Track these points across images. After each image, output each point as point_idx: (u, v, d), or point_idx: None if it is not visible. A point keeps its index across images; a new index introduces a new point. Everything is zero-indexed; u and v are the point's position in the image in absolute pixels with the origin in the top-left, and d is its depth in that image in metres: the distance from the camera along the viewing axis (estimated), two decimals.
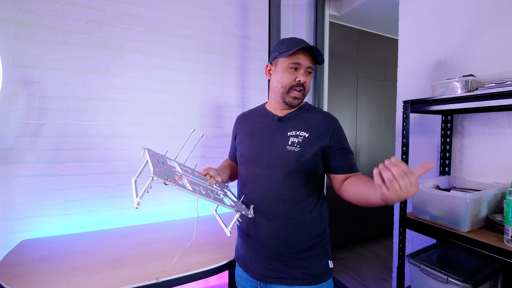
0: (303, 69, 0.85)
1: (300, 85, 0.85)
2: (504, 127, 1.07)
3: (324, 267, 0.85)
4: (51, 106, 1.42)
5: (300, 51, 0.84)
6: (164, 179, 0.65)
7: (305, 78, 0.86)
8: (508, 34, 1.05)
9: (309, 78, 0.88)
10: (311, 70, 0.87)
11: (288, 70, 0.85)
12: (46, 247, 1.24)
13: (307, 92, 0.89)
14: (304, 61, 0.84)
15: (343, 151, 0.85)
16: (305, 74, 0.86)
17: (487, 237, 0.87)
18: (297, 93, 0.86)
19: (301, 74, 0.85)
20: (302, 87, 0.86)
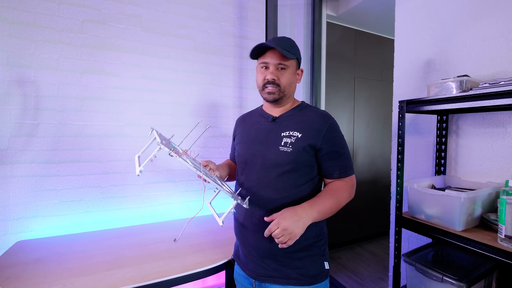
0: (271, 66, 0.87)
1: (270, 82, 0.87)
2: (498, 127, 1.08)
3: (320, 268, 0.85)
4: (47, 106, 1.41)
5: (268, 50, 0.87)
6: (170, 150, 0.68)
7: (275, 75, 0.86)
8: (502, 35, 1.06)
9: (283, 73, 0.87)
10: (283, 65, 0.86)
11: (260, 70, 0.90)
12: (42, 248, 1.23)
13: (285, 87, 0.88)
14: (271, 59, 0.86)
15: (333, 155, 0.84)
16: (276, 71, 0.86)
17: (481, 236, 0.88)
18: (270, 88, 0.87)
19: (270, 72, 0.87)
20: (274, 84, 0.86)
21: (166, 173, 1.69)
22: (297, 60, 0.91)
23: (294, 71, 0.90)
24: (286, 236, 0.72)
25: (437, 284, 0.97)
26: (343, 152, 0.86)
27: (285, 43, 0.87)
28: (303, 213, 0.75)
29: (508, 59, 1.04)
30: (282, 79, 0.87)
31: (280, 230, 0.71)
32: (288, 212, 0.74)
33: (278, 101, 0.90)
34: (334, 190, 0.83)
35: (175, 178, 1.72)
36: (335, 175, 0.85)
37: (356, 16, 2.48)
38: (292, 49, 0.87)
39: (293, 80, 0.90)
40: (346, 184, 0.85)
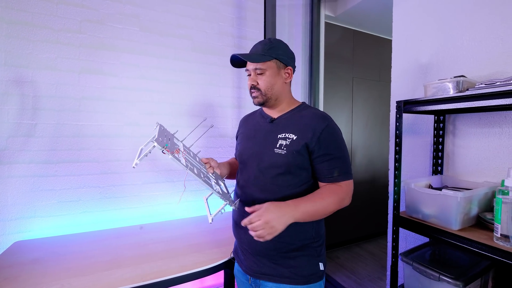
0: (252, 73, 0.90)
1: (252, 87, 0.90)
2: (495, 127, 1.09)
3: (314, 268, 0.84)
4: (45, 106, 1.40)
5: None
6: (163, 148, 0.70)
7: (254, 81, 0.90)
8: (498, 36, 1.07)
9: (261, 78, 0.89)
10: (259, 70, 0.88)
11: (248, 78, 0.93)
12: (40, 248, 1.23)
13: (266, 90, 0.89)
14: (249, 66, 0.91)
15: (326, 158, 0.82)
16: (255, 76, 0.89)
17: (477, 235, 0.89)
18: (254, 93, 0.91)
19: (250, 79, 0.91)
20: (255, 89, 0.90)
21: (165, 173, 1.69)
22: (278, 60, 0.89)
23: (274, 72, 0.89)
24: (267, 230, 0.69)
25: (434, 283, 0.97)
26: (339, 156, 0.82)
27: (259, 48, 0.89)
28: (287, 210, 0.73)
29: (504, 60, 1.05)
30: (260, 83, 0.89)
31: (261, 223, 0.69)
32: (273, 207, 0.72)
33: (265, 104, 0.91)
34: (324, 194, 0.80)
35: (173, 178, 1.72)
36: (327, 178, 0.82)
37: (355, 17, 2.49)
38: (268, 51, 0.87)
39: (275, 81, 0.89)
40: (339, 189, 0.81)
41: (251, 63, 0.89)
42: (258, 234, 0.69)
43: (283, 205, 0.74)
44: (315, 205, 0.77)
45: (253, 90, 0.90)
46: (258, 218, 0.70)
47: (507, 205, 0.81)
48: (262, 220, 0.69)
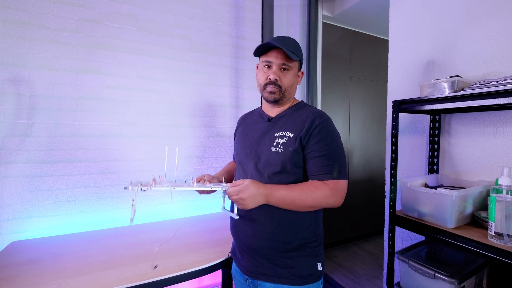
0: (274, 66, 0.86)
1: (272, 82, 0.86)
2: (489, 127, 1.10)
3: (312, 268, 0.84)
4: (41, 105, 1.40)
5: (272, 49, 0.86)
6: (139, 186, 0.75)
7: (277, 76, 0.86)
8: (492, 36, 1.08)
9: (286, 74, 0.87)
10: (286, 66, 0.86)
11: (263, 69, 0.89)
12: (37, 248, 1.22)
13: (286, 89, 0.88)
14: (275, 59, 0.86)
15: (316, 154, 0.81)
16: (279, 71, 0.86)
17: (472, 233, 0.90)
18: (271, 88, 0.87)
19: (272, 72, 0.86)
20: (276, 85, 0.87)
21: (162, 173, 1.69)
22: (300, 62, 0.91)
23: (296, 73, 0.91)
24: (239, 204, 0.76)
25: (429, 281, 0.98)
26: (330, 154, 0.81)
27: (290, 43, 0.87)
28: (263, 192, 0.76)
29: (499, 60, 1.06)
30: (284, 80, 0.87)
31: (237, 198, 0.75)
32: (252, 187, 0.75)
33: (278, 101, 0.90)
34: (305, 187, 0.79)
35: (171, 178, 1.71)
36: (315, 175, 0.81)
37: (352, 17, 2.50)
38: (297, 51, 0.88)
39: (294, 82, 0.90)
40: (323, 186, 0.79)
41: (281, 56, 0.85)
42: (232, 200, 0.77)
43: (262, 187, 0.77)
44: (291, 195, 0.78)
45: (272, 85, 0.86)
46: (236, 193, 0.75)
47: (501, 203, 0.82)
48: (238, 196, 0.75)
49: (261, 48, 0.87)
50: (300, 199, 0.78)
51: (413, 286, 1.06)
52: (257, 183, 0.77)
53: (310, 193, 0.78)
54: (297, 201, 0.78)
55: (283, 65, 0.86)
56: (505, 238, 0.82)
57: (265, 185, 0.78)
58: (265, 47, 0.87)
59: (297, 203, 0.78)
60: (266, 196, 0.77)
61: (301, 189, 0.79)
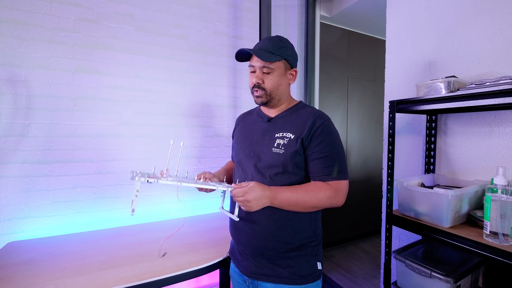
0: (257, 70, 0.88)
1: (256, 86, 0.88)
2: (485, 127, 1.11)
3: (312, 268, 0.85)
4: (38, 105, 1.39)
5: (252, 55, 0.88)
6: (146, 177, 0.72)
7: (259, 79, 0.87)
8: (487, 37, 1.09)
9: (268, 77, 0.87)
10: (267, 69, 0.86)
11: (250, 74, 0.91)
12: (34, 249, 1.22)
13: (271, 91, 0.88)
14: (256, 62, 0.87)
15: (318, 155, 0.81)
16: (261, 75, 0.87)
17: (467, 232, 0.91)
18: (256, 93, 0.89)
19: (255, 76, 0.88)
20: (259, 88, 0.88)
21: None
22: (287, 61, 0.89)
23: (282, 73, 0.89)
24: (244, 206, 0.76)
25: (425, 280, 0.99)
26: (331, 154, 0.82)
27: (269, 45, 0.87)
28: (267, 195, 0.77)
29: (494, 61, 1.07)
30: (266, 83, 0.87)
31: (242, 200, 0.75)
32: (258, 189, 0.76)
33: (268, 104, 0.90)
34: (309, 188, 0.81)
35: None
36: (318, 176, 0.82)
37: (349, 17, 2.51)
38: (278, 50, 0.86)
39: (281, 82, 0.89)
40: (326, 187, 0.80)
41: (259, 60, 0.86)
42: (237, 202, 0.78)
43: (267, 190, 0.78)
44: (295, 197, 0.79)
45: (257, 89, 0.88)
46: (242, 195, 0.75)
47: (496, 202, 0.83)
48: (244, 197, 0.75)
49: (237, 56, 0.90)
50: (304, 200, 0.79)
51: (409, 285, 1.06)
52: (262, 185, 0.78)
53: (313, 194, 0.79)
54: (301, 203, 0.79)
55: (264, 68, 0.86)
56: (500, 237, 0.83)
57: (269, 188, 0.79)
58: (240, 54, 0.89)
59: (301, 204, 0.80)
60: (271, 198, 0.78)
61: (305, 191, 0.80)
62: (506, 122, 1.05)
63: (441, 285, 0.94)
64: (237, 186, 0.77)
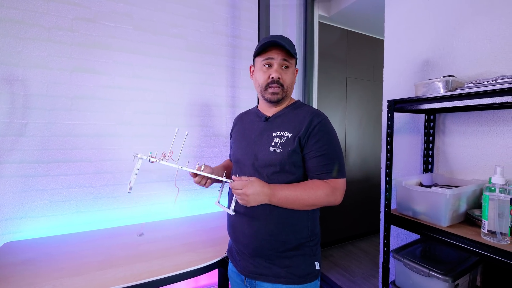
0: (276, 64, 0.86)
1: (275, 81, 0.86)
2: (483, 126, 1.11)
3: (310, 267, 0.85)
4: (36, 105, 1.39)
5: (272, 48, 0.86)
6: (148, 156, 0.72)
7: (279, 74, 0.85)
8: (486, 36, 1.09)
9: (287, 73, 0.87)
10: (287, 64, 0.86)
11: (263, 69, 0.88)
12: (31, 249, 1.21)
13: (288, 88, 0.88)
14: (277, 55, 0.85)
15: (316, 153, 0.81)
16: (280, 70, 0.86)
17: (465, 231, 0.91)
18: (274, 89, 0.86)
19: (274, 70, 0.86)
20: (279, 84, 0.86)
21: (159, 172, 1.68)
22: (296, 61, 0.92)
23: (294, 71, 0.92)
24: (242, 199, 0.76)
25: (423, 279, 0.99)
26: (329, 153, 0.82)
27: (289, 41, 0.88)
28: (266, 192, 0.77)
29: (492, 60, 1.08)
30: (285, 79, 0.87)
31: (240, 192, 0.75)
32: (257, 185, 0.77)
33: (280, 101, 0.90)
34: (307, 186, 0.81)
35: (167, 177, 1.71)
36: (315, 175, 0.82)
37: (348, 17, 2.51)
38: (294, 48, 0.89)
39: (293, 80, 0.92)
40: (324, 185, 0.80)
41: (282, 53, 0.85)
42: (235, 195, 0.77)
43: (266, 186, 0.78)
44: (294, 194, 0.79)
45: (276, 84, 0.86)
46: (241, 187, 0.76)
47: (494, 201, 0.83)
48: (242, 191, 0.75)
49: (264, 45, 0.86)
50: (303, 198, 0.79)
51: (408, 285, 1.07)
52: (262, 182, 0.78)
53: (312, 192, 0.79)
54: (299, 201, 0.79)
55: (284, 61, 0.86)
56: (498, 236, 0.83)
57: (269, 185, 0.79)
58: (267, 44, 0.85)
59: (299, 202, 0.80)
60: (269, 196, 0.78)
61: (303, 188, 0.80)
62: (504, 121, 1.05)
63: (439, 284, 0.95)
64: (237, 179, 0.77)
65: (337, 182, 0.82)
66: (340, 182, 0.83)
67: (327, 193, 0.80)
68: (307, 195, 0.79)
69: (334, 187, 0.81)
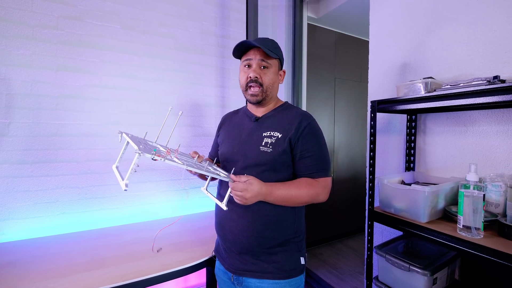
0: (254, 64, 0.88)
1: (253, 81, 0.87)
2: (460, 126, 1.16)
3: (295, 263, 0.88)
4: (19, 104, 1.36)
5: (251, 49, 0.88)
6: (152, 154, 0.65)
7: (257, 73, 0.87)
8: (463, 40, 1.14)
9: (266, 73, 0.89)
10: (265, 64, 0.88)
11: (243, 70, 0.90)
12: (15, 251, 1.19)
13: (268, 88, 0.90)
14: (254, 56, 0.87)
15: (305, 154, 0.85)
16: (259, 70, 0.88)
17: (443, 227, 0.95)
18: (253, 89, 0.88)
19: (252, 70, 0.88)
20: (257, 83, 0.88)
21: (147, 172, 1.67)
22: (279, 61, 0.93)
23: (276, 71, 0.92)
24: (241, 200, 0.76)
25: (404, 273, 1.03)
26: (318, 153, 0.86)
27: (267, 43, 0.89)
28: (263, 192, 0.79)
29: (468, 63, 1.12)
30: (264, 78, 0.88)
31: (240, 195, 0.75)
32: (257, 187, 0.77)
33: (261, 102, 0.92)
34: (301, 184, 0.84)
35: (156, 178, 1.70)
36: (306, 174, 0.86)
37: (336, 19, 2.55)
38: (275, 49, 0.90)
39: (275, 80, 0.92)
40: (315, 183, 0.85)
41: (259, 54, 0.86)
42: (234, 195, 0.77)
43: (263, 187, 0.79)
44: (288, 193, 0.82)
45: (254, 84, 0.87)
46: (241, 190, 0.75)
47: (469, 198, 0.88)
48: (242, 194, 0.76)
49: (240, 47, 0.89)
50: (297, 196, 0.83)
51: (390, 279, 1.10)
52: (260, 182, 0.79)
53: (305, 191, 0.83)
54: (293, 199, 0.83)
55: (262, 61, 0.88)
56: (473, 231, 0.87)
57: (266, 185, 0.80)
58: (242, 46, 0.88)
59: (293, 200, 0.83)
60: (265, 195, 0.80)
61: (297, 187, 0.83)
62: (479, 122, 1.10)
63: (419, 278, 0.98)
64: (236, 179, 0.77)
65: (325, 181, 0.87)
66: (329, 181, 0.88)
67: (318, 191, 0.85)
68: (300, 194, 0.83)
69: (324, 185, 0.86)
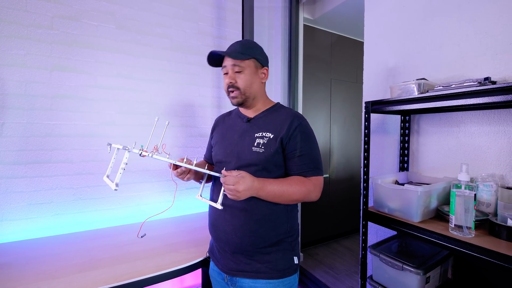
0: (229, 70, 0.91)
1: (230, 86, 0.91)
2: (453, 127, 1.18)
3: (289, 262, 0.88)
4: (13, 104, 1.35)
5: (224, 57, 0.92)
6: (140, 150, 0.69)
7: (232, 78, 0.90)
8: (455, 42, 1.16)
9: (240, 76, 0.90)
10: (238, 68, 0.90)
11: (223, 77, 0.94)
12: (8, 252, 1.18)
13: (246, 89, 0.91)
14: (227, 62, 0.91)
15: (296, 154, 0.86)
16: (233, 75, 0.90)
17: (435, 226, 0.96)
18: (232, 94, 0.92)
19: (228, 77, 0.91)
20: (234, 87, 0.91)
21: (142, 173, 1.67)
22: (256, 60, 0.93)
23: (253, 71, 0.92)
24: (233, 194, 0.77)
25: (398, 273, 1.04)
26: (309, 152, 0.87)
27: (238, 47, 0.91)
28: (255, 187, 0.79)
29: (461, 64, 1.14)
30: (239, 82, 0.90)
31: (232, 188, 0.76)
32: (249, 181, 0.78)
33: (243, 104, 0.94)
34: (293, 182, 0.85)
35: (151, 178, 1.70)
36: (298, 173, 0.87)
37: (332, 20, 2.57)
38: (247, 50, 0.91)
39: (253, 80, 0.92)
40: (307, 181, 0.86)
41: (230, 60, 0.89)
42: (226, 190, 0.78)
43: (255, 181, 0.80)
44: (281, 189, 0.83)
45: (232, 89, 0.91)
46: (233, 183, 0.76)
47: (460, 197, 0.89)
48: (234, 187, 0.76)
49: (211, 58, 0.93)
50: (288, 193, 0.83)
51: (384, 279, 1.11)
52: (252, 177, 0.80)
53: (297, 188, 0.84)
54: (285, 195, 0.83)
55: (235, 66, 0.89)
56: (464, 230, 0.88)
57: (258, 179, 0.81)
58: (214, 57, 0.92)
59: (285, 197, 0.83)
60: (258, 190, 0.80)
61: (289, 184, 0.84)
62: (471, 122, 1.12)
63: (412, 277, 0.99)
64: (228, 174, 0.77)
65: (318, 180, 0.88)
66: (320, 180, 0.89)
67: (310, 189, 0.85)
68: (292, 190, 0.83)
69: (315, 184, 0.87)
